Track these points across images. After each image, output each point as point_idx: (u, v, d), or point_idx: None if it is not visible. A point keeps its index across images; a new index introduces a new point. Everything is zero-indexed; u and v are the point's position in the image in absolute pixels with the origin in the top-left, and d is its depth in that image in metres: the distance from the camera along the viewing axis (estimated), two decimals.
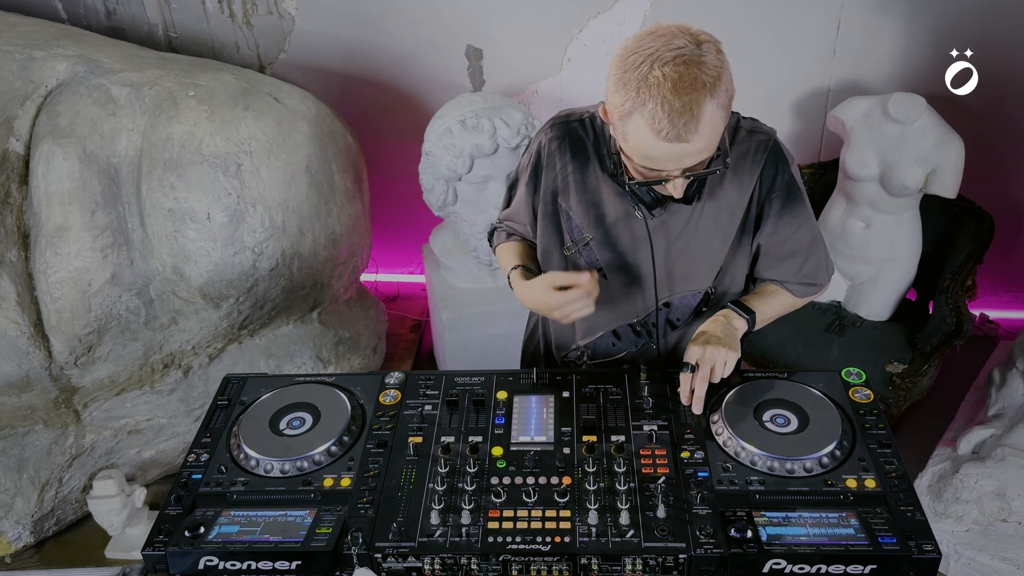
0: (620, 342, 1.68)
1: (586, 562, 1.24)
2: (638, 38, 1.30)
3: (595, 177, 1.54)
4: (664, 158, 1.31)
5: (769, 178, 1.52)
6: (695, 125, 1.25)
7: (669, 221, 1.53)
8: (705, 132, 1.27)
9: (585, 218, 1.57)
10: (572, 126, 1.55)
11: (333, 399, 1.53)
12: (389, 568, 1.26)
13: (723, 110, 1.29)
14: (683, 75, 1.23)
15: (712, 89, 1.25)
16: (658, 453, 1.39)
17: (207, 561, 1.27)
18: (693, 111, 1.24)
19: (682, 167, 1.33)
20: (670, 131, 1.25)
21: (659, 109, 1.24)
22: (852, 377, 1.54)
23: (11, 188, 2.35)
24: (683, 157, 1.31)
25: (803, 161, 3.08)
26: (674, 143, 1.27)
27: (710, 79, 1.25)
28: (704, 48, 1.27)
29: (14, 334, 2.28)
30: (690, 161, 1.32)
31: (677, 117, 1.24)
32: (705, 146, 1.30)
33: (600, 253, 1.58)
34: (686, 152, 1.29)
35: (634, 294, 1.61)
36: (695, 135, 1.26)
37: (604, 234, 1.57)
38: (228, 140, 2.37)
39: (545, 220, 1.62)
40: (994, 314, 3.30)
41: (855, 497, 1.30)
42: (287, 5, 2.95)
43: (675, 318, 1.65)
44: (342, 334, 2.88)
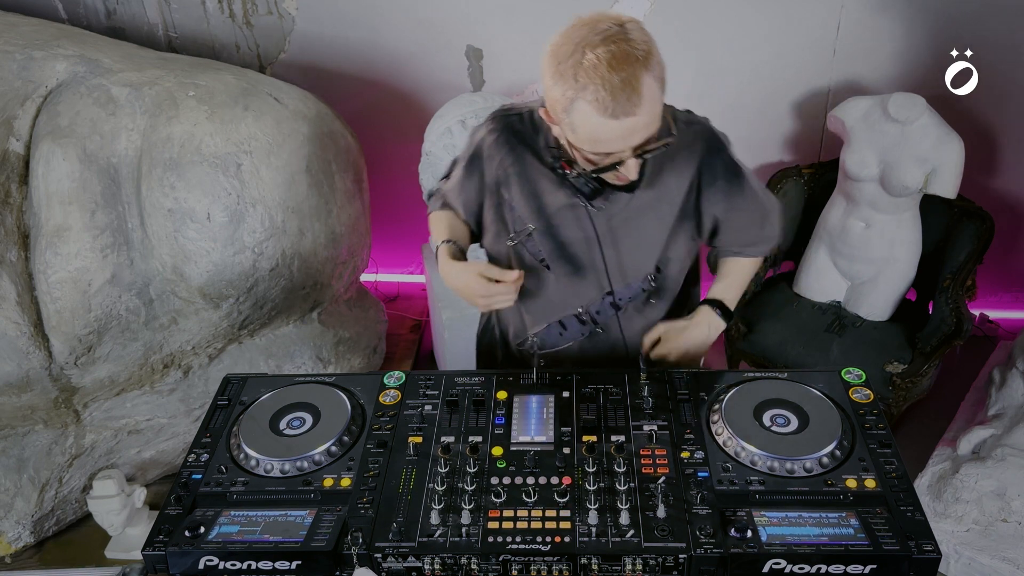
0: (566, 331, 1.70)
1: (586, 562, 1.24)
2: (563, 32, 1.35)
3: (535, 169, 1.57)
4: (614, 138, 1.34)
5: (709, 166, 1.56)
6: (638, 98, 1.28)
7: (609, 211, 1.56)
8: (647, 104, 1.30)
9: (527, 208, 1.60)
10: (511, 120, 1.58)
11: (333, 399, 1.53)
12: (389, 568, 1.26)
13: (659, 83, 1.32)
14: (615, 53, 1.27)
15: (646, 62, 1.29)
16: (658, 453, 1.39)
17: (207, 561, 1.27)
18: (633, 84, 1.27)
19: (632, 144, 1.36)
20: (615, 108, 1.28)
21: (600, 89, 1.27)
22: (852, 377, 1.54)
23: (11, 188, 2.35)
24: (632, 133, 1.34)
25: (803, 161, 3.08)
26: (621, 119, 1.30)
27: (642, 53, 1.29)
28: (628, 27, 1.31)
29: (14, 334, 2.28)
30: (639, 137, 1.35)
31: (619, 93, 1.27)
32: (650, 119, 1.33)
33: (543, 243, 1.61)
34: (634, 127, 1.32)
35: (577, 284, 1.64)
36: (639, 107, 1.29)
37: (546, 225, 1.59)
38: (228, 140, 2.37)
39: (491, 211, 1.65)
40: (994, 314, 3.30)
41: (855, 497, 1.30)
42: (287, 5, 2.95)
43: (621, 303, 1.67)
44: (342, 334, 2.88)
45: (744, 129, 3.08)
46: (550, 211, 1.58)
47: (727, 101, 3.03)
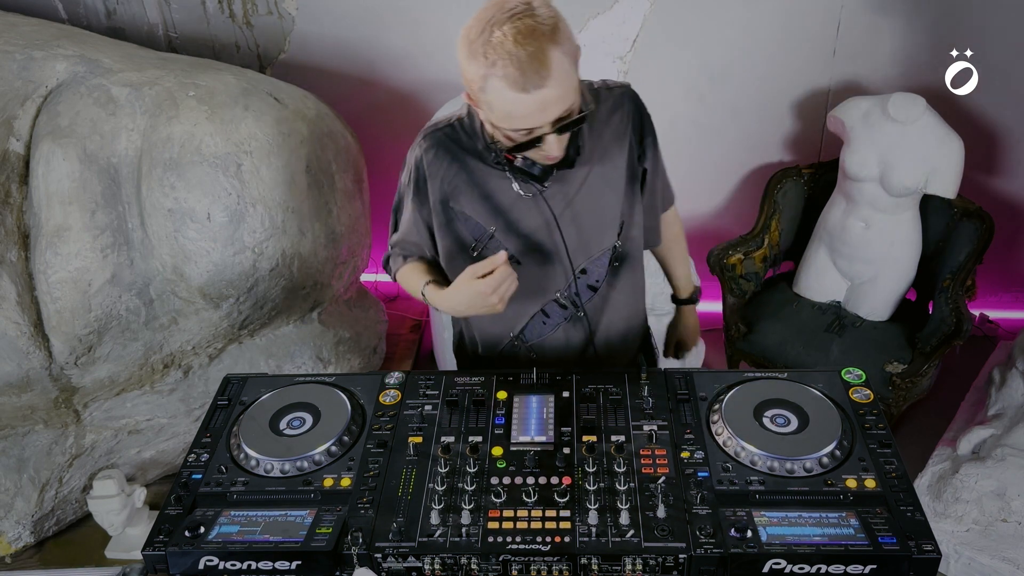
0: (549, 319, 1.70)
1: (586, 562, 1.24)
2: (475, 16, 1.38)
3: (481, 172, 1.57)
4: (529, 113, 1.35)
5: (638, 125, 1.62)
6: (546, 71, 1.31)
7: (562, 190, 1.58)
8: (558, 77, 1.32)
9: (482, 212, 1.60)
10: (443, 132, 1.60)
11: (333, 399, 1.53)
12: (389, 568, 1.26)
13: (569, 58, 1.35)
14: (520, 28, 1.30)
15: (552, 36, 1.31)
16: (658, 453, 1.39)
17: (207, 561, 1.27)
18: (540, 57, 1.30)
19: (548, 118, 1.37)
20: (524, 81, 1.31)
21: (509, 64, 1.30)
22: (852, 377, 1.54)
23: (11, 188, 2.35)
24: (546, 106, 1.35)
25: (803, 161, 3.08)
26: (532, 92, 1.32)
27: (547, 27, 1.31)
28: (534, 3, 1.34)
29: (14, 334, 2.28)
30: (554, 110, 1.37)
31: (527, 66, 1.30)
32: (563, 92, 1.35)
33: (506, 241, 1.61)
34: (547, 100, 1.34)
35: (549, 270, 1.64)
36: (549, 79, 1.31)
37: (505, 222, 1.60)
38: (228, 140, 2.37)
39: (442, 230, 1.64)
40: (994, 314, 3.30)
41: (855, 497, 1.30)
42: (287, 5, 2.95)
43: (593, 282, 1.68)
44: (342, 334, 2.88)
45: (744, 129, 3.09)
46: (506, 207, 1.59)
47: (727, 101, 3.03)
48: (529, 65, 1.30)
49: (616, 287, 1.70)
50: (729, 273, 2.89)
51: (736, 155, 3.18)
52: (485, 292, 1.47)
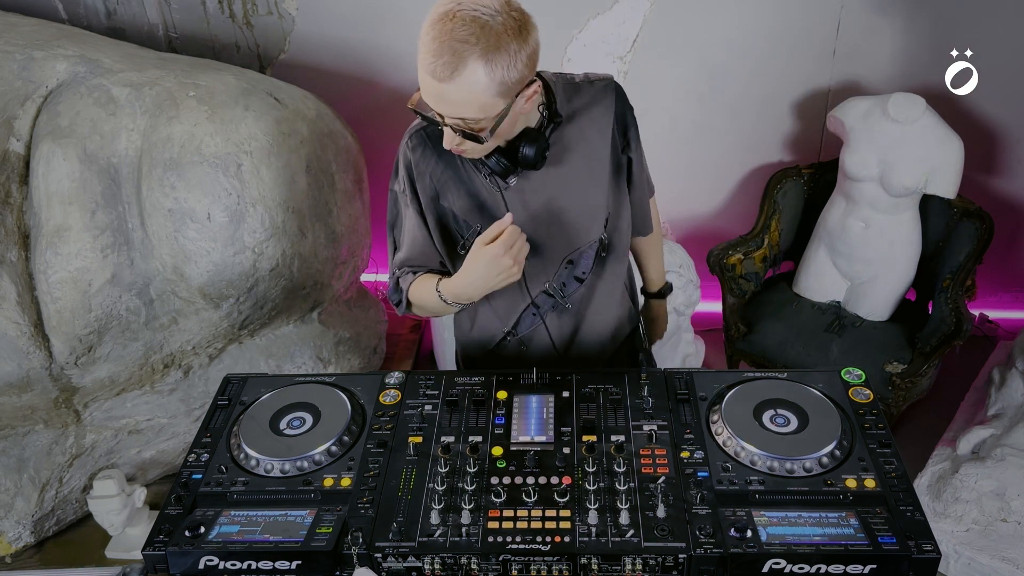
0: (539, 309, 1.71)
1: (586, 562, 1.24)
2: None
3: (464, 168, 1.59)
4: (429, 92, 1.38)
5: (621, 116, 1.62)
6: (451, 71, 1.31)
7: (545, 186, 1.58)
8: (464, 87, 1.33)
9: (469, 209, 1.61)
10: (424, 131, 1.60)
11: (333, 399, 1.53)
12: (389, 568, 1.26)
13: (495, 83, 1.33)
14: (466, 26, 1.31)
15: (486, 53, 1.31)
16: (658, 453, 1.39)
17: (207, 561, 1.27)
18: (456, 57, 1.31)
19: (441, 111, 1.39)
20: (430, 63, 1.33)
21: (433, 41, 1.33)
22: (852, 377, 1.54)
23: (11, 188, 2.35)
24: (440, 100, 1.37)
25: (803, 161, 3.09)
26: (432, 79, 1.34)
27: (487, 43, 1.31)
28: (503, 19, 1.32)
29: (14, 334, 2.28)
30: (447, 109, 1.38)
31: (439, 55, 1.32)
32: (465, 101, 1.35)
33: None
34: (442, 95, 1.35)
35: (537, 262, 1.65)
36: (450, 82, 1.32)
37: (490, 218, 1.59)
38: (228, 140, 2.37)
39: (437, 228, 1.65)
40: (994, 314, 3.30)
41: (855, 497, 1.30)
42: (287, 5, 2.95)
43: (580, 273, 1.69)
44: (342, 334, 2.88)
45: (744, 129, 3.09)
46: (491, 204, 1.60)
47: (727, 101, 3.03)
48: (441, 56, 1.31)
49: (603, 277, 1.71)
50: (729, 273, 2.89)
51: (736, 155, 3.18)
52: (498, 255, 1.44)
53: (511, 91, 1.37)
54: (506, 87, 1.35)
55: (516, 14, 1.35)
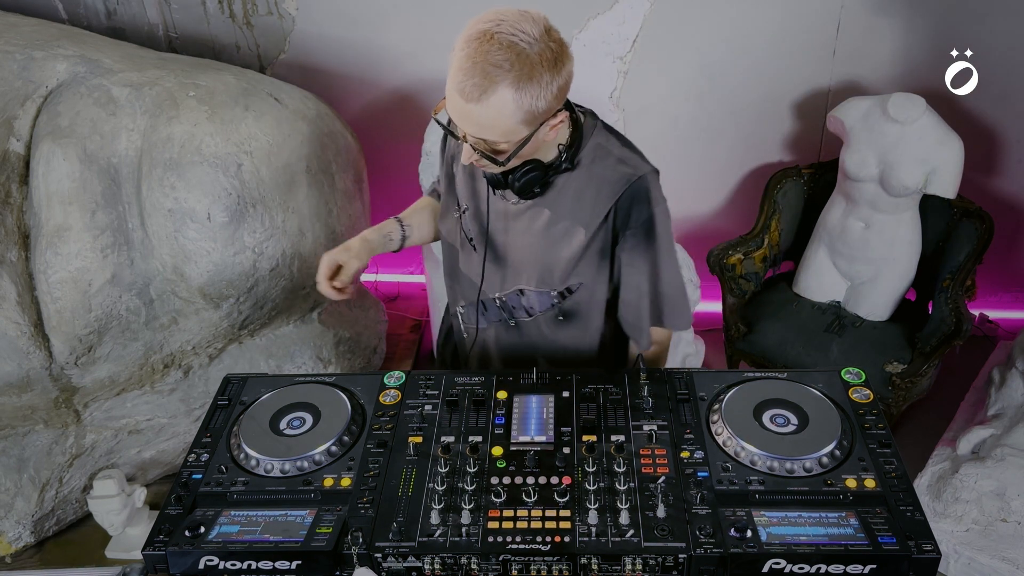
0: (487, 312, 1.74)
1: (586, 562, 1.24)
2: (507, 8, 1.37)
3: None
4: (454, 108, 1.37)
5: (625, 211, 1.54)
6: (479, 93, 1.31)
7: (524, 214, 1.59)
8: (490, 110, 1.32)
9: (465, 188, 1.65)
10: None
11: (333, 399, 1.53)
12: (389, 568, 1.26)
13: (522, 111, 1.33)
14: (502, 50, 1.30)
15: (518, 79, 1.30)
16: (658, 453, 1.39)
17: (207, 561, 1.27)
18: (487, 80, 1.30)
19: (464, 129, 1.39)
20: (460, 81, 1.32)
21: (466, 60, 1.31)
22: (852, 377, 1.54)
23: (11, 188, 2.35)
24: (465, 118, 1.36)
25: (803, 161, 3.09)
26: (459, 97, 1.33)
27: (520, 70, 1.30)
28: (540, 47, 1.32)
29: (14, 334, 2.28)
30: (471, 128, 1.38)
31: (470, 75, 1.30)
32: (488, 124, 1.35)
33: (471, 224, 1.66)
34: (468, 114, 1.35)
35: (500, 270, 1.67)
36: (477, 103, 1.32)
37: (475, 207, 1.64)
38: (228, 140, 2.37)
39: (445, 182, 1.72)
40: (994, 314, 3.30)
41: (855, 497, 1.30)
42: (287, 5, 2.95)
43: (529, 306, 1.69)
44: (342, 334, 2.88)
45: (744, 129, 3.09)
46: (480, 196, 1.63)
47: (727, 101, 3.03)
48: (471, 76, 1.30)
49: (555, 333, 1.71)
50: (729, 273, 2.89)
51: (736, 155, 3.18)
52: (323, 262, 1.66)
53: (537, 120, 1.37)
54: (533, 116, 1.35)
55: (555, 44, 1.34)
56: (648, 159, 1.61)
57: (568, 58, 1.37)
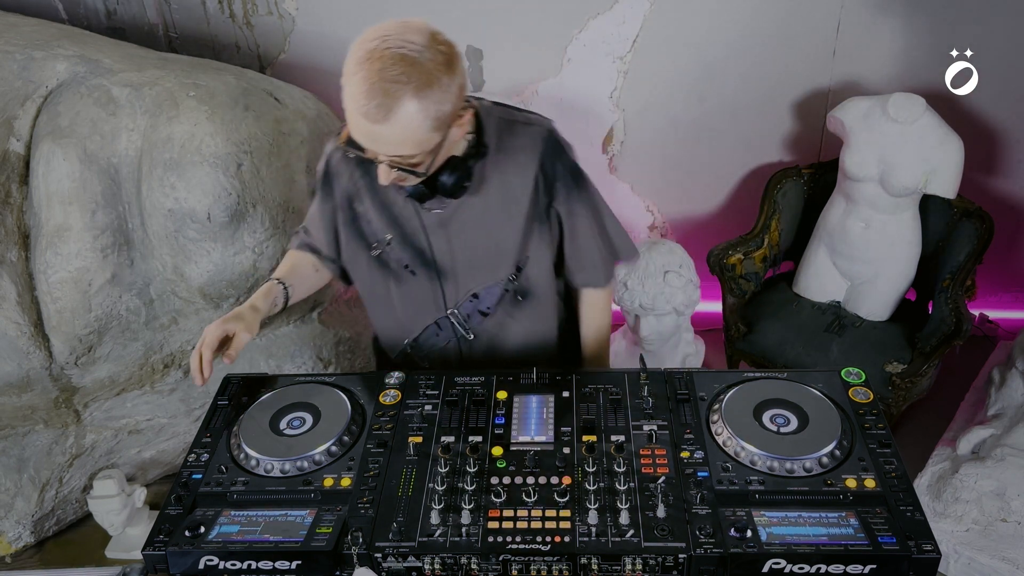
0: (442, 332, 1.72)
1: (586, 562, 1.24)
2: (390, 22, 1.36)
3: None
4: (363, 133, 1.36)
5: (550, 166, 1.58)
6: (385, 113, 1.30)
7: (458, 214, 1.58)
8: (399, 126, 1.32)
9: (380, 219, 1.62)
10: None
11: (333, 399, 1.53)
12: (389, 568, 1.26)
13: (430, 118, 1.33)
14: (395, 65, 1.29)
15: (418, 89, 1.30)
16: (658, 453, 1.39)
17: (207, 561, 1.27)
18: (388, 98, 1.29)
19: (379, 151, 1.38)
20: (363, 105, 1.30)
21: (363, 82, 1.29)
22: (852, 377, 1.54)
23: (11, 188, 2.35)
24: (377, 140, 1.35)
25: (803, 161, 3.09)
26: (365, 121, 1.32)
27: (418, 80, 1.30)
28: (431, 54, 1.32)
29: (14, 334, 2.28)
30: (386, 148, 1.36)
31: (372, 96, 1.29)
32: (400, 140, 1.34)
33: (402, 250, 1.64)
34: (378, 136, 1.34)
35: (450, 286, 1.66)
36: (385, 123, 1.31)
37: (400, 233, 1.62)
38: (228, 140, 2.37)
39: (347, 227, 1.66)
40: (994, 314, 3.30)
41: (855, 497, 1.30)
42: (287, 5, 2.95)
43: (485, 308, 1.69)
44: (342, 334, 2.88)
45: (744, 129, 3.09)
46: (402, 219, 1.60)
47: (727, 101, 3.03)
48: (373, 98, 1.29)
49: (515, 318, 1.70)
50: (729, 273, 2.89)
51: (736, 155, 3.18)
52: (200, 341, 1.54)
53: (445, 124, 1.37)
54: (440, 121, 1.35)
55: (443, 47, 1.34)
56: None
57: (459, 56, 1.37)
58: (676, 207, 3.33)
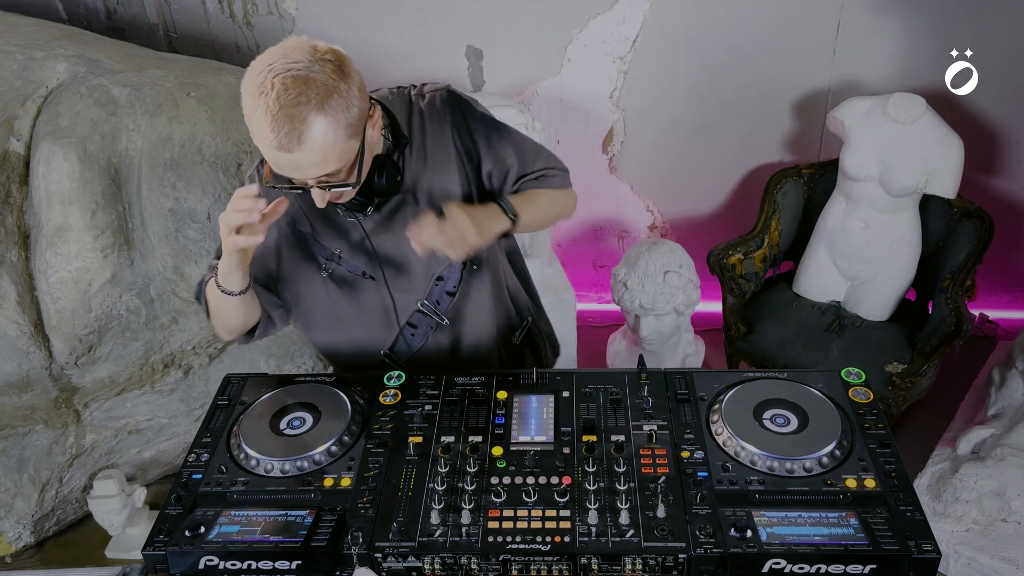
0: (417, 329, 1.71)
1: (586, 562, 1.24)
2: (269, 51, 1.33)
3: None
4: (283, 166, 1.34)
5: (461, 124, 1.56)
6: (298, 139, 1.28)
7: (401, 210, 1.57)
8: (315, 146, 1.29)
9: (329, 235, 1.59)
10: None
11: (333, 399, 1.53)
12: (389, 568, 1.26)
13: (342, 128, 1.31)
14: (288, 88, 1.27)
15: (320, 104, 1.28)
16: (658, 453, 1.39)
17: (207, 561, 1.27)
18: (295, 123, 1.27)
19: (305, 177, 1.35)
20: (273, 139, 1.28)
21: (265, 116, 1.27)
22: (852, 377, 1.54)
23: (11, 188, 2.35)
24: (299, 167, 1.33)
25: (803, 161, 3.09)
26: (280, 152, 1.30)
27: (317, 95, 1.28)
28: (319, 66, 1.30)
29: (15, 334, 2.28)
30: (311, 172, 1.34)
31: (279, 127, 1.27)
32: (320, 159, 1.32)
33: (355, 259, 1.61)
34: (298, 163, 1.32)
35: (407, 281, 1.65)
36: (300, 149, 1.29)
37: (349, 243, 1.59)
38: (228, 140, 2.37)
39: (292, 252, 1.62)
40: (994, 314, 3.30)
41: (855, 497, 1.30)
42: (287, 5, 2.95)
43: (451, 288, 1.67)
44: None
45: (744, 129, 3.09)
46: (346, 229, 1.58)
47: (727, 101, 3.03)
48: (281, 127, 1.27)
49: (475, 287, 1.69)
50: (729, 273, 2.89)
51: (736, 155, 3.18)
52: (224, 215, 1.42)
53: (358, 129, 1.36)
54: (352, 127, 1.34)
55: (329, 55, 1.33)
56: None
57: (347, 59, 1.36)
58: (676, 207, 3.33)
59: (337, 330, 1.72)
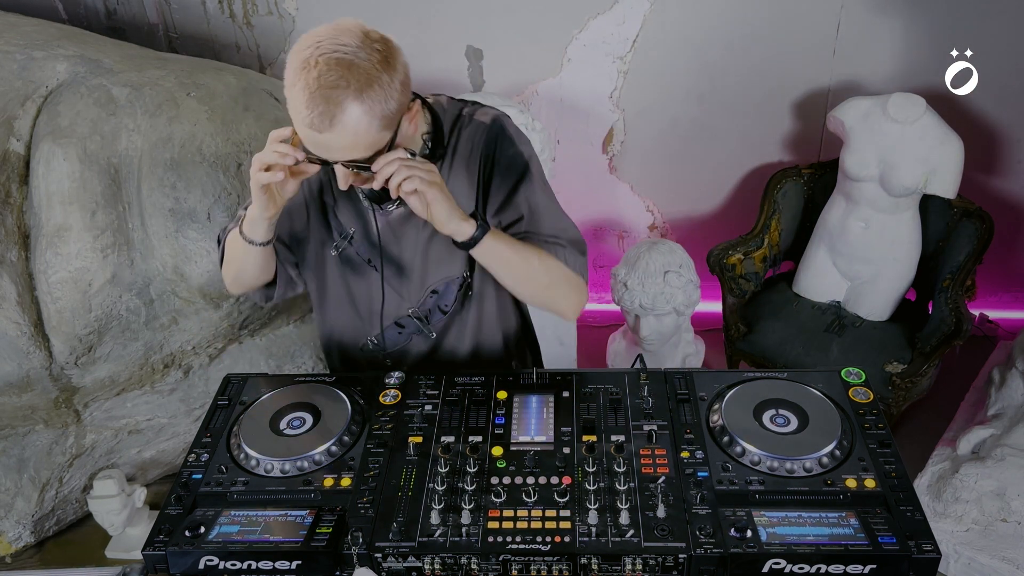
0: (404, 329, 1.71)
1: (586, 562, 1.24)
2: (322, 27, 1.35)
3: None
4: (311, 143, 1.33)
5: (488, 158, 1.54)
6: (330, 120, 1.27)
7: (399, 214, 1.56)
8: (346, 131, 1.29)
9: (347, 212, 1.60)
10: None
11: (333, 399, 1.53)
12: (389, 568, 1.27)
13: (376, 119, 1.30)
14: (332, 70, 1.27)
15: (359, 91, 1.27)
16: (658, 453, 1.39)
17: (207, 561, 1.27)
18: (330, 104, 1.26)
19: (329, 158, 1.35)
20: (306, 116, 1.28)
21: (303, 92, 1.27)
22: (852, 377, 1.54)
23: (11, 188, 2.35)
24: (327, 149, 1.33)
25: (803, 161, 3.09)
26: (311, 131, 1.29)
27: (358, 82, 1.27)
28: (366, 53, 1.30)
29: (14, 334, 2.28)
30: (338, 155, 1.34)
31: (314, 106, 1.27)
32: (350, 145, 1.32)
33: (363, 246, 1.62)
34: (328, 144, 1.31)
35: (403, 284, 1.65)
36: (331, 131, 1.28)
37: (363, 228, 1.60)
38: (228, 140, 2.37)
39: (316, 215, 1.63)
40: (994, 314, 3.30)
41: (855, 497, 1.30)
42: (287, 5, 2.95)
43: (443, 304, 1.67)
44: None
45: (744, 129, 3.09)
46: (366, 215, 1.59)
47: (727, 101, 3.03)
48: (316, 107, 1.26)
49: (468, 314, 1.69)
50: (729, 273, 2.89)
51: (736, 155, 3.18)
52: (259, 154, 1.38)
53: (393, 121, 1.35)
54: (387, 119, 1.33)
55: (379, 44, 1.32)
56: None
57: (397, 51, 1.36)
58: (676, 207, 3.33)
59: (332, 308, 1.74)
